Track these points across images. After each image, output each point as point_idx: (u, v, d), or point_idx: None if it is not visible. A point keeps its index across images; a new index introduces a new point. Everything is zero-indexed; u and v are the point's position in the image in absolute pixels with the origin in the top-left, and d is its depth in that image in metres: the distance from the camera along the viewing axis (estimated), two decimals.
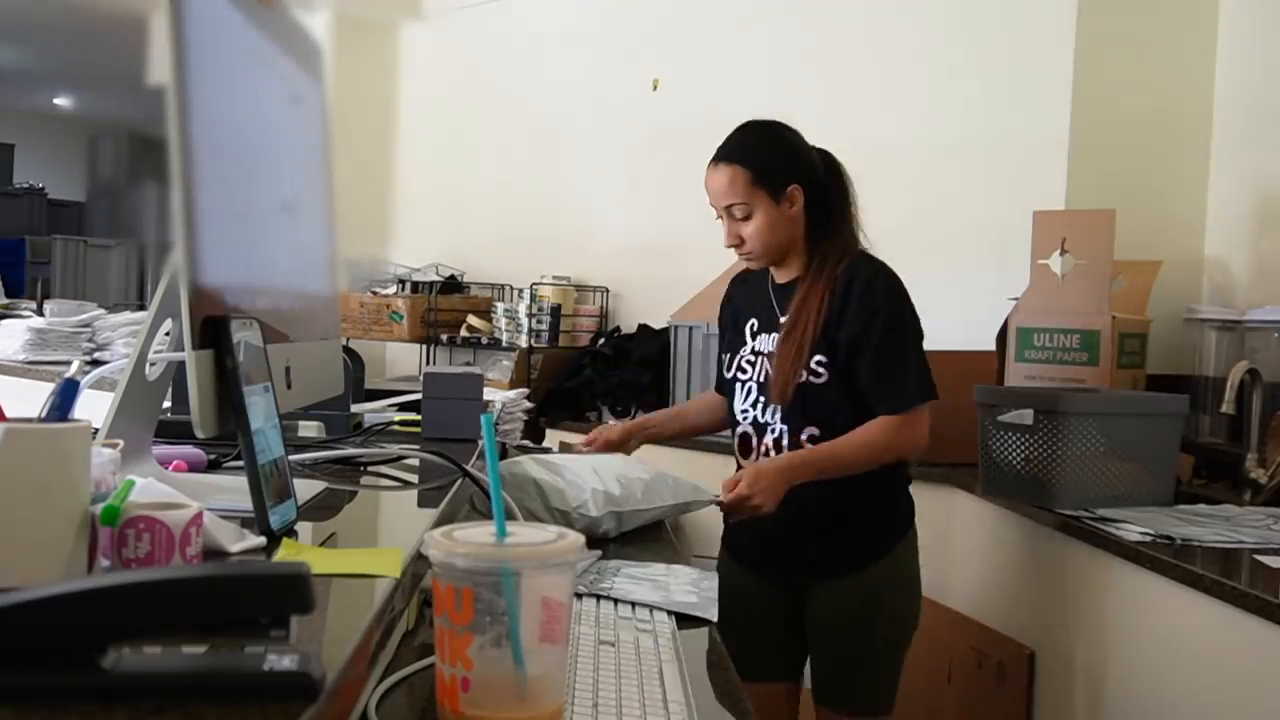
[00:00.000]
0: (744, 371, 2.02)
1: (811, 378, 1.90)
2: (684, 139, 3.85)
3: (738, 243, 1.96)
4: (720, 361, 2.13)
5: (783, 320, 1.97)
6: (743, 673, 1.13)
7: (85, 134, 11.23)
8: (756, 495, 1.78)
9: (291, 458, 1.09)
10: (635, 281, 4.06)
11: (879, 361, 1.88)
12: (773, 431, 1.95)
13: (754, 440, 1.98)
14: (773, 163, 1.95)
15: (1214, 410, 2.61)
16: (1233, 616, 1.65)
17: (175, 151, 0.87)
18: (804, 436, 1.93)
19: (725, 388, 2.09)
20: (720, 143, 2.03)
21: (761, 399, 1.97)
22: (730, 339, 2.10)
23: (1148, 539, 1.94)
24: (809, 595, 2.00)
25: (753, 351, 2.02)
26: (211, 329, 0.92)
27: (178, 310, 0.91)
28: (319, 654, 0.60)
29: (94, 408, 0.94)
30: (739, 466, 1.99)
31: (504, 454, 1.93)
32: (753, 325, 2.04)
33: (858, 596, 1.95)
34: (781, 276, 2.02)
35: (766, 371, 1.97)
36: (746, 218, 1.94)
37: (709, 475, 1.95)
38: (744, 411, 2.00)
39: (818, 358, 1.90)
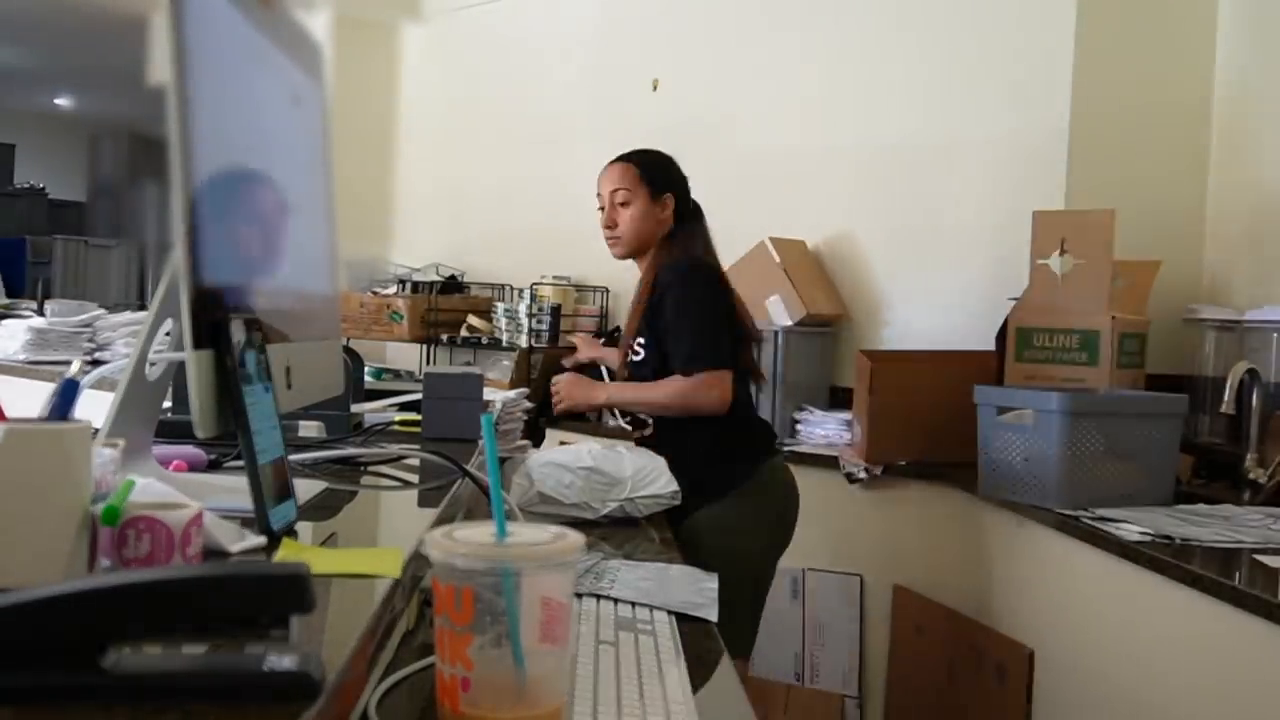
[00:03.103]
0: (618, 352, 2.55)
1: (632, 355, 2.39)
2: (684, 139, 3.86)
3: (612, 225, 2.42)
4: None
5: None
6: None
7: (85, 134, 11.23)
8: (563, 389, 2.49)
9: (291, 458, 1.09)
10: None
11: (670, 334, 2.29)
12: None
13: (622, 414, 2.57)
14: (657, 169, 2.44)
15: (1214, 410, 2.61)
16: (1233, 616, 1.66)
17: (175, 151, 0.87)
18: None
19: None
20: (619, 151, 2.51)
21: (617, 375, 2.54)
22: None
23: (1147, 539, 1.94)
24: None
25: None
26: (211, 329, 0.92)
27: (178, 310, 0.91)
28: (319, 654, 0.60)
29: (94, 408, 0.94)
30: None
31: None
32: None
33: (695, 534, 2.17)
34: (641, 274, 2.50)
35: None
36: (625, 204, 2.40)
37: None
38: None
39: (639, 339, 2.36)
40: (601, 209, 2.44)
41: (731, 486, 2.27)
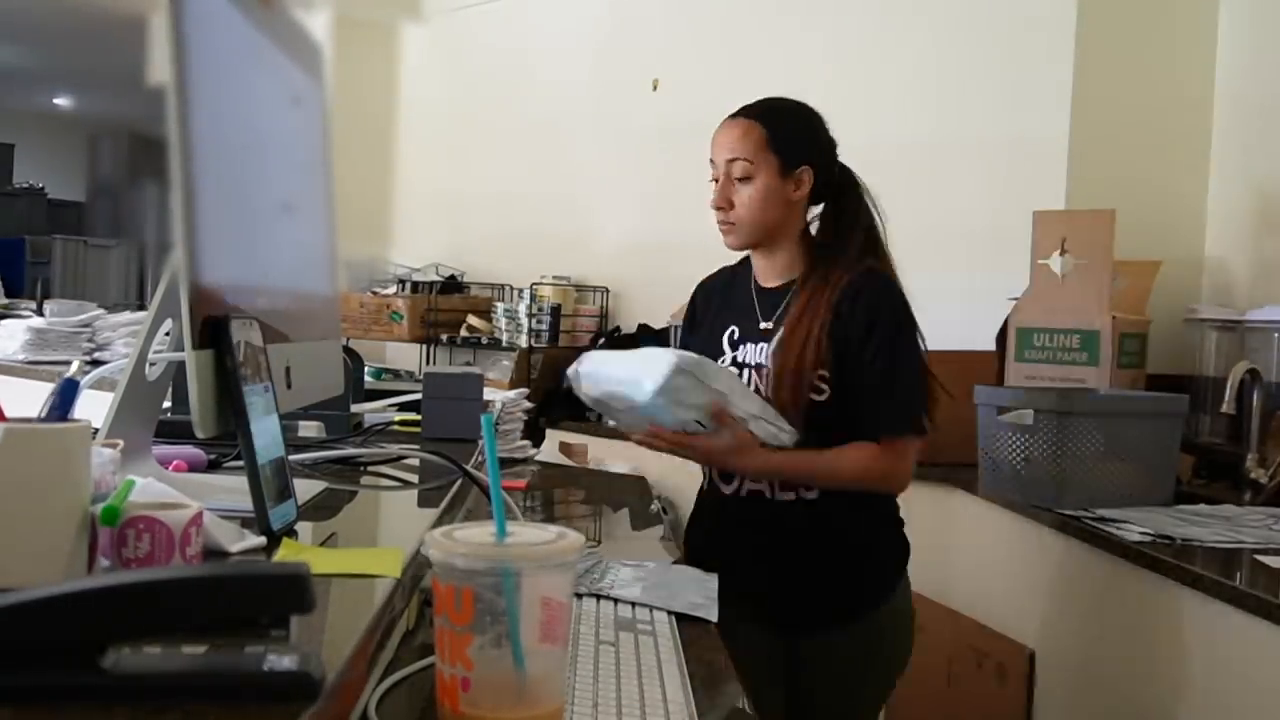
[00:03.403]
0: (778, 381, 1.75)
1: (813, 394, 1.69)
2: (684, 139, 3.86)
3: (726, 205, 1.78)
4: None
5: (765, 326, 1.78)
6: None
7: (85, 134, 11.23)
8: (732, 455, 1.66)
9: (291, 458, 1.09)
10: (635, 281, 4.06)
11: (878, 384, 1.69)
12: None
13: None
14: (793, 133, 1.80)
15: (1214, 410, 2.61)
16: (1233, 616, 1.65)
17: (175, 151, 0.86)
18: None
19: None
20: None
21: None
22: (700, 341, 1.87)
23: (1148, 539, 1.94)
24: (796, 645, 1.76)
25: (736, 364, 1.79)
26: (211, 329, 0.91)
27: (178, 310, 0.91)
28: (319, 654, 0.60)
29: (94, 408, 0.94)
30: (707, 487, 1.85)
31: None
32: (732, 334, 1.82)
33: (847, 651, 1.74)
34: (768, 279, 1.82)
35: (756, 385, 1.74)
36: (746, 179, 1.76)
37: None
38: None
39: (822, 371, 1.68)
40: (715, 180, 1.83)
41: (904, 568, 1.81)
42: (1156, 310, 2.79)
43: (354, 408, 1.80)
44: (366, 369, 2.41)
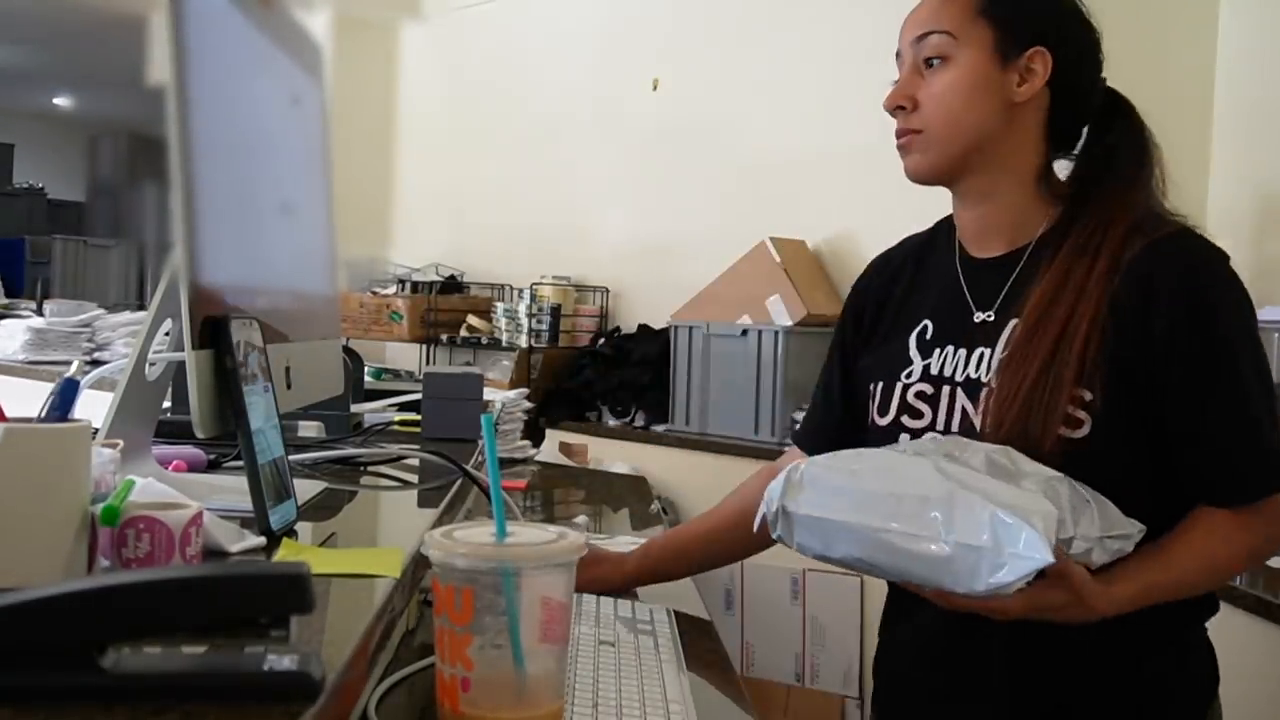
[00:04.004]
0: (915, 415, 1.16)
1: (1069, 431, 1.04)
2: (684, 139, 3.86)
3: (906, 105, 1.22)
4: (832, 394, 1.34)
5: (981, 319, 1.15)
6: None
7: (85, 134, 11.23)
8: (1072, 609, 0.97)
9: (291, 458, 1.09)
10: (635, 281, 4.06)
11: (1217, 419, 1.05)
12: None
13: None
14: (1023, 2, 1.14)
15: None
16: (1233, 617, 1.65)
17: (175, 151, 0.87)
18: None
19: (846, 438, 1.20)
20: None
21: None
22: (875, 354, 1.26)
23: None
24: None
25: (931, 377, 1.16)
26: (211, 329, 0.92)
27: (178, 310, 0.91)
28: (319, 654, 0.60)
29: (94, 408, 0.94)
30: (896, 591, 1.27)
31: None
32: (925, 330, 1.20)
33: None
34: (986, 248, 1.20)
35: (964, 413, 1.12)
36: (942, 59, 1.16)
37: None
38: None
39: (1085, 393, 1.04)
40: (897, 77, 1.25)
41: (1215, 691, 1.14)
42: None
43: (354, 408, 1.80)
44: (366, 369, 2.41)
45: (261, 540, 0.90)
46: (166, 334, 1.08)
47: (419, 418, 1.83)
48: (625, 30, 4.14)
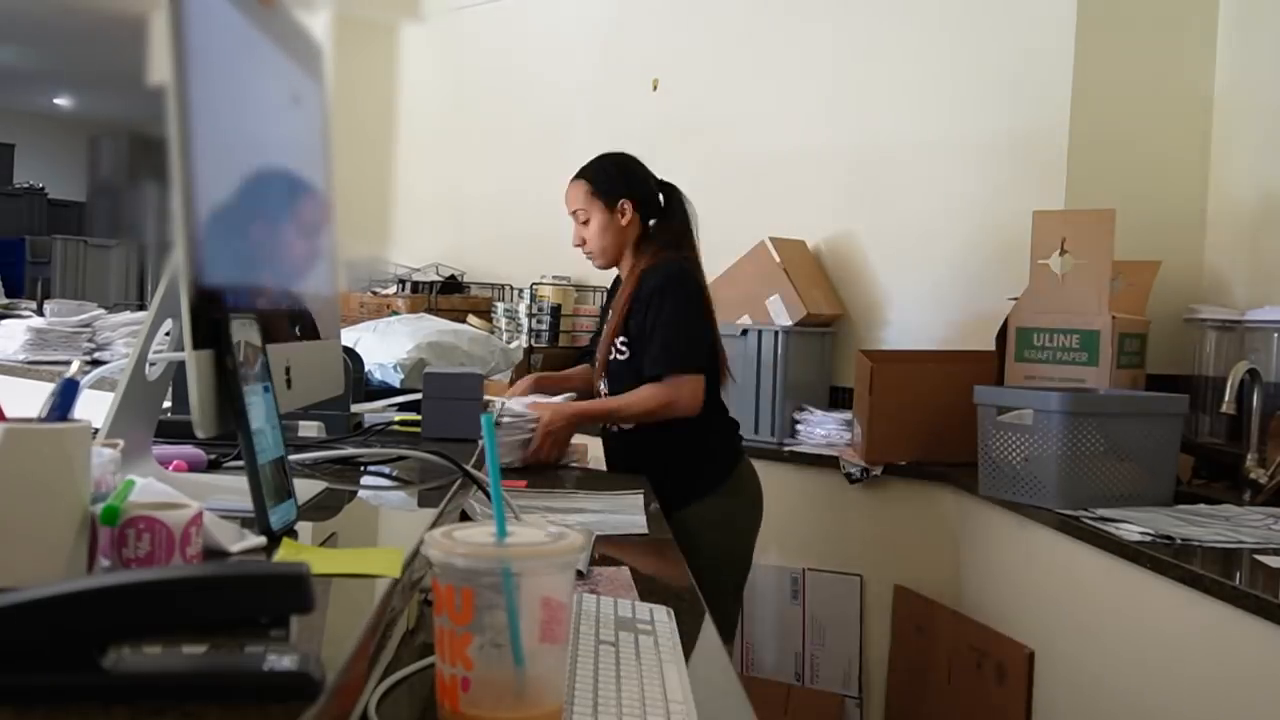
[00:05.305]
0: (596, 351, 2.50)
1: (617, 354, 2.36)
2: (684, 139, 3.86)
3: (580, 243, 2.43)
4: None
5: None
6: None
7: (85, 134, 11.24)
8: (545, 445, 2.24)
9: (291, 458, 1.09)
10: None
11: (647, 339, 2.30)
12: (603, 396, 2.43)
13: None
14: (608, 179, 2.41)
15: (1214, 410, 2.61)
16: (1233, 616, 1.66)
17: (175, 151, 0.86)
18: None
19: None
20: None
21: (597, 373, 2.46)
22: (599, 326, 2.62)
23: (1148, 539, 1.94)
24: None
25: (602, 336, 2.49)
26: (211, 329, 0.91)
27: (178, 310, 0.91)
28: (319, 654, 0.60)
29: (94, 408, 0.94)
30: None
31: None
32: (610, 315, 2.47)
33: (685, 531, 2.09)
34: (623, 276, 2.47)
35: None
36: (586, 222, 2.40)
37: None
38: (599, 386, 2.47)
39: (621, 338, 2.35)
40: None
41: (719, 483, 2.36)
42: (1156, 310, 2.79)
43: (354, 408, 1.80)
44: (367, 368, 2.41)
45: (261, 540, 0.90)
46: (166, 334, 1.08)
47: (419, 418, 1.83)
48: (625, 30, 4.14)
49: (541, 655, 0.71)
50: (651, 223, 2.43)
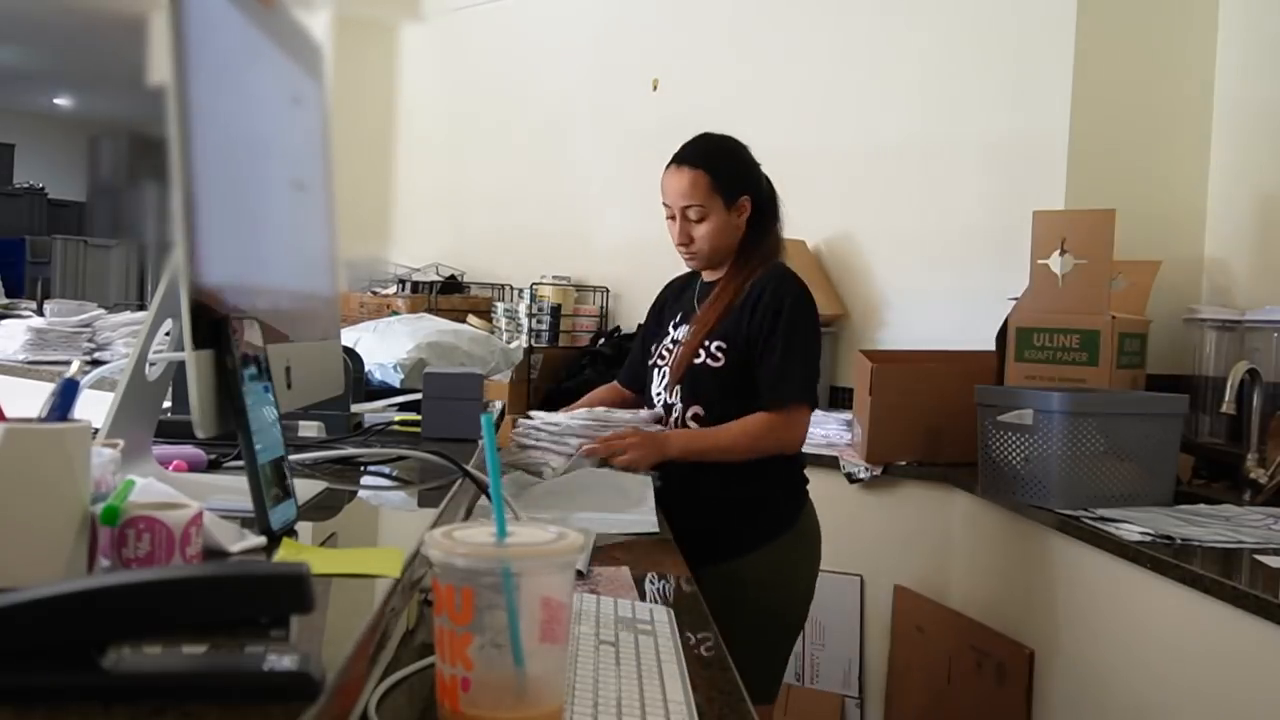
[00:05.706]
0: (661, 358, 2.17)
1: (709, 360, 2.05)
2: (684, 139, 3.86)
3: (688, 242, 2.08)
4: (639, 353, 2.33)
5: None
6: None
7: (85, 134, 11.25)
8: (631, 449, 1.96)
9: (291, 458, 1.09)
10: (635, 281, 4.06)
11: (771, 360, 2.01)
12: (675, 411, 2.11)
13: (665, 422, 2.13)
14: (732, 172, 2.09)
15: (1214, 410, 2.61)
16: (1233, 616, 1.66)
17: (175, 151, 0.86)
18: (689, 414, 2.08)
19: (644, 375, 2.24)
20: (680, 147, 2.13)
21: (668, 381, 2.13)
22: (651, 332, 2.28)
23: (1147, 539, 1.94)
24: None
25: (671, 340, 2.17)
26: (211, 329, 0.91)
27: (178, 310, 0.91)
28: (319, 654, 0.60)
29: (94, 408, 0.94)
30: None
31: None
32: (676, 318, 2.20)
33: (734, 583, 1.99)
34: (710, 277, 2.17)
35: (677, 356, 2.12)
36: (701, 220, 2.06)
37: None
38: (657, 394, 2.16)
39: (718, 343, 2.05)
40: (671, 218, 2.10)
41: (785, 528, 2.11)
42: (1156, 310, 2.79)
43: (354, 408, 1.80)
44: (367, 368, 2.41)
45: (261, 540, 0.90)
46: (166, 334, 1.08)
47: (419, 418, 1.83)
48: (625, 30, 4.14)
49: (541, 655, 0.71)
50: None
